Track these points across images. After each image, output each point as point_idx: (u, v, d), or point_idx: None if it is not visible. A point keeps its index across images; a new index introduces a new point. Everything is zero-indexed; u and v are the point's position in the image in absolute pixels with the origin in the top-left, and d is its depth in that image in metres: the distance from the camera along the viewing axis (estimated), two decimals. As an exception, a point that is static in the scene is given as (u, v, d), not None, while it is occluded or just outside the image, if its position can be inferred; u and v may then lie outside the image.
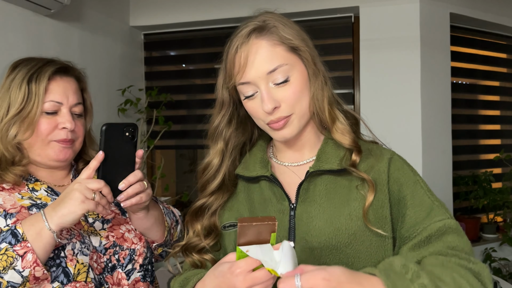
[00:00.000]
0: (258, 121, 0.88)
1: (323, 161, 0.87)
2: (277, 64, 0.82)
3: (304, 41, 0.86)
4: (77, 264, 0.96)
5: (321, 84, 0.87)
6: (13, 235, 0.87)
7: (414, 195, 0.84)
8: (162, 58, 2.90)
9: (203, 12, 2.56)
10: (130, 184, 0.93)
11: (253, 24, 0.85)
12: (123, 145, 0.92)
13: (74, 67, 1.12)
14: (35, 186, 1.06)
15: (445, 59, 2.41)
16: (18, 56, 1.11)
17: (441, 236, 0.79)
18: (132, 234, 1.10)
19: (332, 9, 2.42)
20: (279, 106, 0.83)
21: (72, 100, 1.06)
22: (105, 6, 2.42)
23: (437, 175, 2.36)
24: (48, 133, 1.03)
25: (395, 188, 0.85)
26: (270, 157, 0.97)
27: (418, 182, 0.86)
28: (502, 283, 2.03)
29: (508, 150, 2.75)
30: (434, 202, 0.84)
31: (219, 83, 0.92)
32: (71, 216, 0.88)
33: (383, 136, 0.94)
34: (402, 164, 0.88)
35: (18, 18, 1.82)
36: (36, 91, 1.01)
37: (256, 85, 0.83)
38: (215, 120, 0.94)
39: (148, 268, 1.12)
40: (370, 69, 2.36)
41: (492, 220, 2.74)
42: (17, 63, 1.06)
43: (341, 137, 0.87)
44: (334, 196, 0.85)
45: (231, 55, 0.85)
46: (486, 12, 2.58)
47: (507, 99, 2.88)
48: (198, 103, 2.78)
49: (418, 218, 0.82)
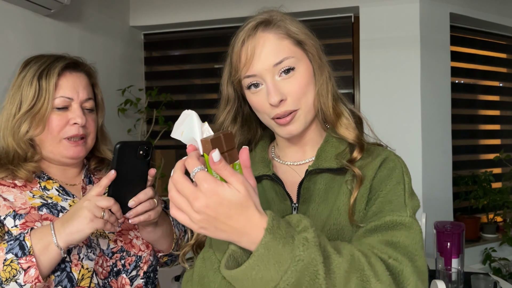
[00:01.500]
0: (263, 115, 0.87)
1: (322, 159, 0.87)
2: (283, 56, 0.82)
3: (309, 37, 0.86)
4: (81, 269, 0.96)
5: (326, 80, 0.87)
6: (20, 247, 0.87)
7: (389, 192, 0.80)
8: (162, 58, 2.90)
9: (203, 12, 2.56)
10: (140, 202, 0.93)
11: (260, 18, 0.85)
12: (136, 163, 0.92)
13: (84, 62, 1.12)
14: (47, 184, 1.06)
15: (445, 59, 2.41)
16: (18, 56, 1.11)
17: (388, 230, 0.74)
18: (140, 241, 1.10)
19: (332, 9, 2.42)
20: (285, 99, 0.82)
21: (82, 95, 1.06)
22: (105, 6, 2.42)
23: (437, 175, 2.36)
24: (59, 129, 1.03)
25: (376, 185, 0.83)
26: (272, 158, 0.96)
27: (402, 183, 0.82)
28: (502, 283, 2.03)
29: (508, 150, 2.75)
30: (405, 202, 0.79)
31: (224, 78, 0.91)
32: (78, 234, 0.88)
33: (383, 136, 0.94)
34: (395, 165, 0.85)
35: (18, 18, 1.82)
36: (46, 87, 1.01)
37: (262, 78, 0.83)
38: (220, 117, 0.93)
39: (151, 275, 1.12)
40: (370, 69, 2.36)
41: (492, 220, 2.74)
42: (29, 60, 1.07)
43: (345, 132, 0.87)
44: (331, 195, 0.85)
45: (237, 48, 0.84)
46: (486, 12, 2.58)
47: (507, 99, 2.88)
48: (198, 103, 2.79)
49: (377, 210, 0.78)
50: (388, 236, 0.74)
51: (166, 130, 2.60)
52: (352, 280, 0.64)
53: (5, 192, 1.00)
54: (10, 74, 1.29)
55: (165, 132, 2.61)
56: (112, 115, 2.40)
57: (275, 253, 0.60)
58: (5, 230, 0.95)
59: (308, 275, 0.60)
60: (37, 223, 0.97)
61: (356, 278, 0.64)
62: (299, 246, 0.60)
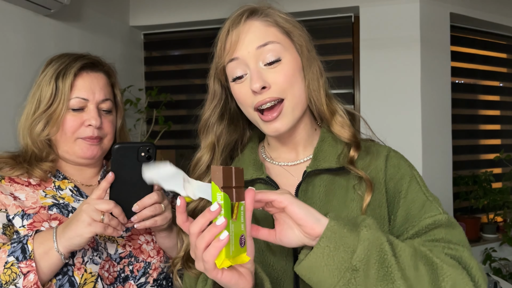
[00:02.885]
0: (246, 109, 0.83)
1: (321, 159, 0.83)
2: (268, 40, 0.79)
3: (297, 28, 0.84)
4: (84, 274, 0.93)
5: (317, 74, 0.83)
6: (22, 250, 0.85)
7: (408, 191, 0.81)
8: (162, 58, 2.90)
9: (203, 12, 2.56)
10: (145, 206, 0.90)
11: (247, 7, 0.83)
12: (138, 165, 0.87)
13: (103, 62, 1.10)
14: (62, 184, 1.05)
15: (445, 59, 2.41)
16: (18, 56, 1.11)
17: (428, 231, 0.75)
18: (150, 246, 1.06)
19: (332, 9, 2.41)
20: (268, 86, 0.78)
21: (99, 96, 1.04)
22: (105, 6, 2.42)
23: (437, 175, 2.36)
24: (74, 130, 1.02)
25: (391, 186, 0.82)
26: (264, 158, 0.92)
27: (414, 177, 0.83)
28: (502, 283, 2.03)
29: (508, 150, 2.75)
30: (428, 198, 0.80)
31: (210, 73, 0.90)
32: (77, 239, 0.85)
33: (383, 135, 0.94)
34: (398, 160, 0.85)
35: (18, 18, 1.82)
36: (62, 88, 1.00)
37: (245, 63, 0.79)
38: (206, 112, 0.91)
39: (163, 283, 1.07)
40: (370, 69, 2.35)
41: (492, 220, 2.73)
42: (52, 59, 1.06)
43: (340, 130, 0.84)
44: (333, 198, 0.82)
45: (223, 36, 0.82)
46: (486, 12, 2.58)
47: (507, 99, 2.88)
48: (198, 103, 2.75)
49: (409, 215, 0.78)
50: (430, 236, 0.75)
51: (166, 130, 2.60)
52: (419, 265, 0.66)
53: (18, 190, 0.99)
54: (11, 74, 1.30)
55: (165, 132, 2.61)
56: (112, 115, 2.40)
57: (341, 236, 0.64)
58: (14, 230, 0.94)
59: (376, 253, 0.64)
60: (45, 223, 0.95)
61: (423, 264, 0.66)
62: (363, 229, 0.65)
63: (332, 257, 0.63)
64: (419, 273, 0.65)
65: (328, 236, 0.63)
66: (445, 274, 0.66)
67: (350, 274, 0.63)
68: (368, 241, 0.64)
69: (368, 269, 0.63)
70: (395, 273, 0.63)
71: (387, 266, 0.63)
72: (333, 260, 0.63)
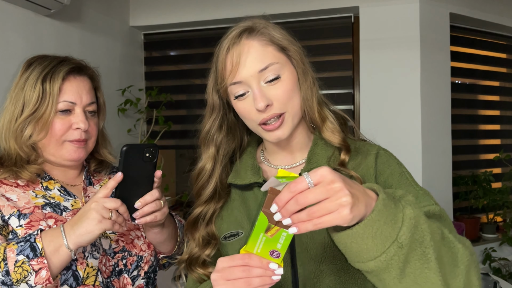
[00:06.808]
0: (250, 122, 0.88)
1: (314, 162, 0.88)
2: (268, 62, 0.83)
3: (292, 43, 0.88)
4: (86, 268, 0.97)
5: (310, 85, 0.88)
6: (31, 249, 0.87)
7: (398, 186, 0.84)
8: (162, 58, 2.90)
9: (203, 12, 2.56)
10: (147, 203, 0.94)
11: (243, 25, 0.87)
12: (142, 165, 0.93)
13: (87, 66, 1.11)
14: (49, 184, 1.07)
15: (445, 59, 2.41)
16: (18, 56, 1.11)
17: None
18: (141, 240, 1.11)
19: (332, 9, 2.42)
20: (271, 104, 0.83)
21: (85, 99, 1.06)
22: (105, 6, 2.42)
23: (437, 175, 2.36)
24: (62, 133, 1.03)
25: (381, 180, 0.86)
26: (262, 161, 0.97)
27: (403, 174, 0.87)
28: (502, 283, 2.03)
29: (508, 150, 2.75)
30: (419, 191, 0.84)
31: (209, 87, 0.93)
32: (88, 236, 0.88)
33: (383, 135, 0.95)
34: (388, 158, 0.89)
35: (18, 18, 1.82)
36: (51, 91, 1.01)
37: (248, 84, 0.84)
38: (206, 124, 0.95)
39: (151, 276, 1.13)
40: (370, 69, 2.35)
41: (492, 220, 2.74)
42: (31, 61, 1.06)
43: (331, 136, 0.89)
44: None
45: (222, 56, 0.86)
46: (486, 12, 2.58)
47: (507, 99, 2.88)
48: (198, 103, 2.78)
49: None
50: None
51: (166, 130, 2.60)
52: (442, 249, 0.69)
53: (8, 191, 1.00)
54: (10, 74, 1.29)
55: (165, 132, 2.61)
56: (112, 115, 2.40)
57: (390, 212, 0.64)
58: (9, 230, 0.96)
59: (418, 232, 0.66)
60: (41, 222, 0.97)
61: (445, 246, 0.69)
62: (406, 206, 0.66)
63: (381, 231, 0.64)
64: (444, 254, 0.69)
65: (380, 209, 0.63)
66: (461, 258, 0.70)
67: (395, 250, 0.64)
68: (414, 219, 0.65)
69: (411, 247, 0.65)
70: (431, 253, 0.66)
71: (426, 247, 0.66)
72: (381, 234, 0.64)
